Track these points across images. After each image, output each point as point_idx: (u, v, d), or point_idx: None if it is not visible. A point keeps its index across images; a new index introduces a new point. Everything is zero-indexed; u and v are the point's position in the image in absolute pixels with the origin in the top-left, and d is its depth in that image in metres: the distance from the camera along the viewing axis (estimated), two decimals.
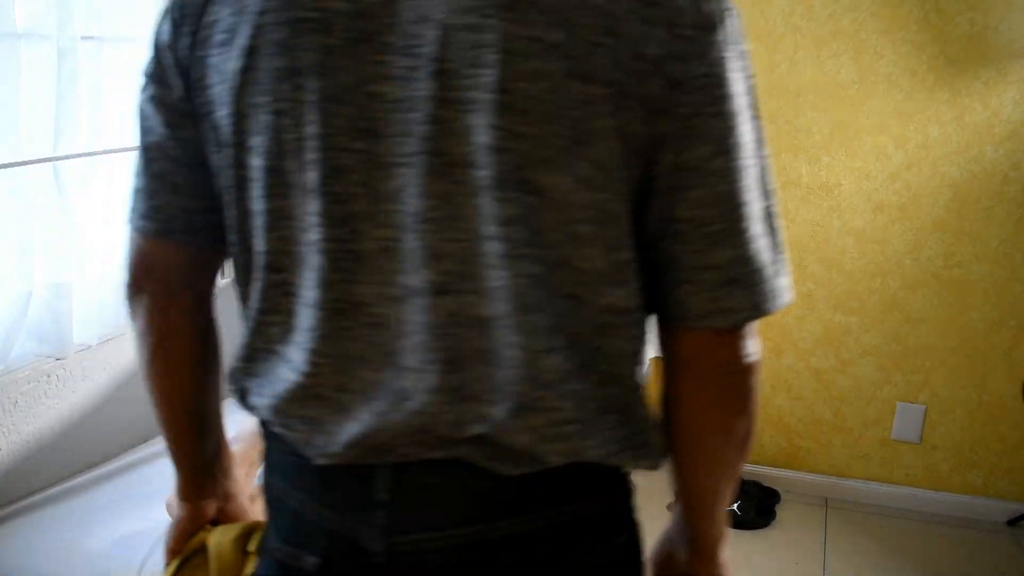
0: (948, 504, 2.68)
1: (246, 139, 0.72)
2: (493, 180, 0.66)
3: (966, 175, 2.45)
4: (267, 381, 0.77)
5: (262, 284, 0.75)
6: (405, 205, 0.68)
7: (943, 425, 2.65)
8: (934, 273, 2.55)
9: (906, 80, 2.44)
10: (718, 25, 0.68)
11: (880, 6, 2.41)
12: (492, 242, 0.67)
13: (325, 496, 0.77)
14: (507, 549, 0.73)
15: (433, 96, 0.66)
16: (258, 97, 0.70)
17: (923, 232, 2.53)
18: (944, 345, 2.59)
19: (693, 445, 0.80)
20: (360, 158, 0.68)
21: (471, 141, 0.66)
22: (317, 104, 0.68)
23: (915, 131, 2.47)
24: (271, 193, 0.72)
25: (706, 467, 0.81)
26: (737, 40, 0.70)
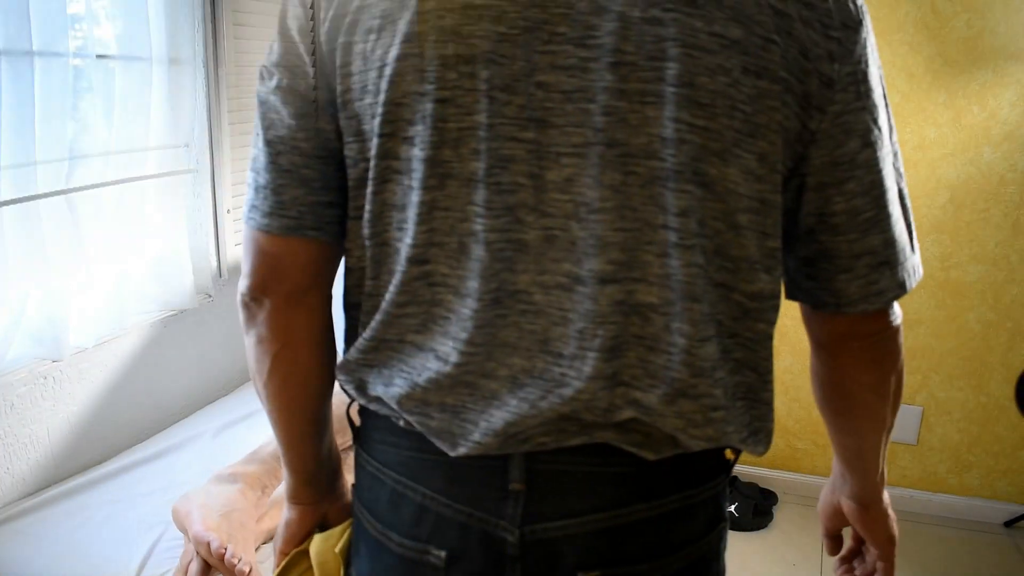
0: (945, 506, 2.68)
1: (400, 128, 0.71)
2: (670, 171, 0.68)
3: (963, 176, 2.45)
4: (399, 371, 0.76)
5: (401, 276, 0.74)
6: (574, 195, 0.69)
7: (940, 427, 2.65)
8: (931, 274, 2.55)
9: (903, 81, 2.44)
10: (861, 24, 0.72)
11: (877, 7, 2.42)
12: (664, 231, 0.69)
13: (454, 489, 0.76)
14: (642, 532, 0.75)
15: (610, 87, 0.67)
16: (420, 85, 0.69)
17: (920, 234, 2.53)
18: (941, 347, 2.59)
19: (854, 407, 0.87)
20: (528, 148, 0.69)
21: (649, 132, 0.67)
22: (486, 93, 0.68)
23: (912, 133, 2.47)
24: (427, 184, 0.71)
25: (867, 425, 0.88)
26: (871, 34, 0.74)
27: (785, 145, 0.71)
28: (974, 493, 2.66)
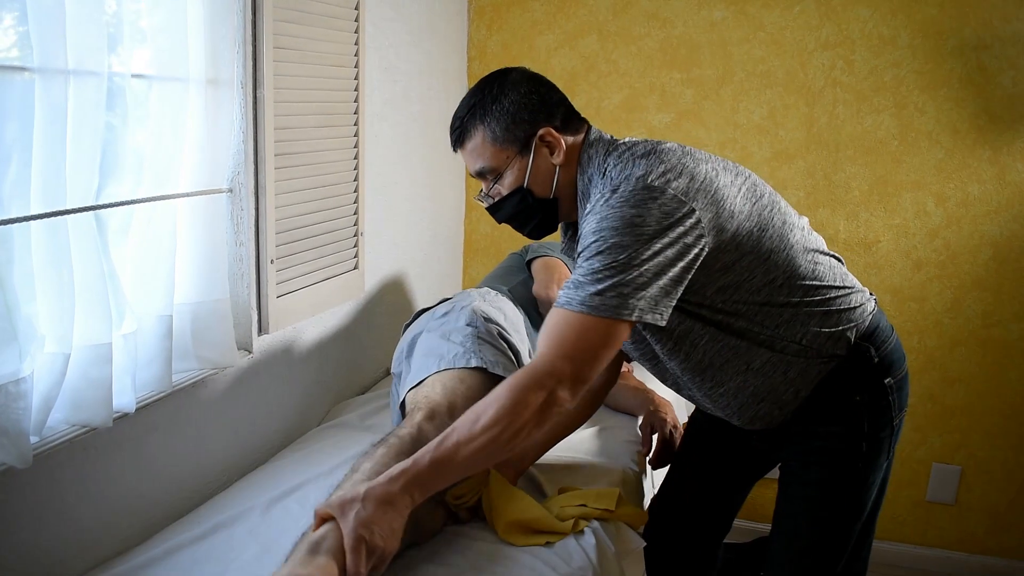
0: (984, 567, 2.62)
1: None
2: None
3: (1006, 233, 2.43)
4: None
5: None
6: None
7: (979, 487, 2.60)
8: (972, 332, 2.51)
9: (947, 137, 2.42)
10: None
11: (923, 62, 2.40)
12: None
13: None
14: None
15: None
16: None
17: (962, 290, 2.49)
18: (982, 405, 2.54)
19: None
20: None
21: None
22: None
23: (955, 189, 2.45)
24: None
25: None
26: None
27: None
28: (1013, 555, 2.60)
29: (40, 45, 1.20)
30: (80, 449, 1.33)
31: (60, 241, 1.26)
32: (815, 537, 1.47)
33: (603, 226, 1.22)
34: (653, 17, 2.56)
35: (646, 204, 1.21)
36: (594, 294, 1.18)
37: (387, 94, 2.22)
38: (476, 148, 1.40)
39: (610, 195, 1.24)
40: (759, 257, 1.31)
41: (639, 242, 1.19)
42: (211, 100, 1.57)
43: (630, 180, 1.24)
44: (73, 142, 1.26)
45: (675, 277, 1.22)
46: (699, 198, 1.24)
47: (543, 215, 1.41)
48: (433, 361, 1.59)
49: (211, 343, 1.61)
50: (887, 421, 1.42)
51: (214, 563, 1.36)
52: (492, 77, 1.42)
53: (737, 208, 1.29)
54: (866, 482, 1.44)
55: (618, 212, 1.21)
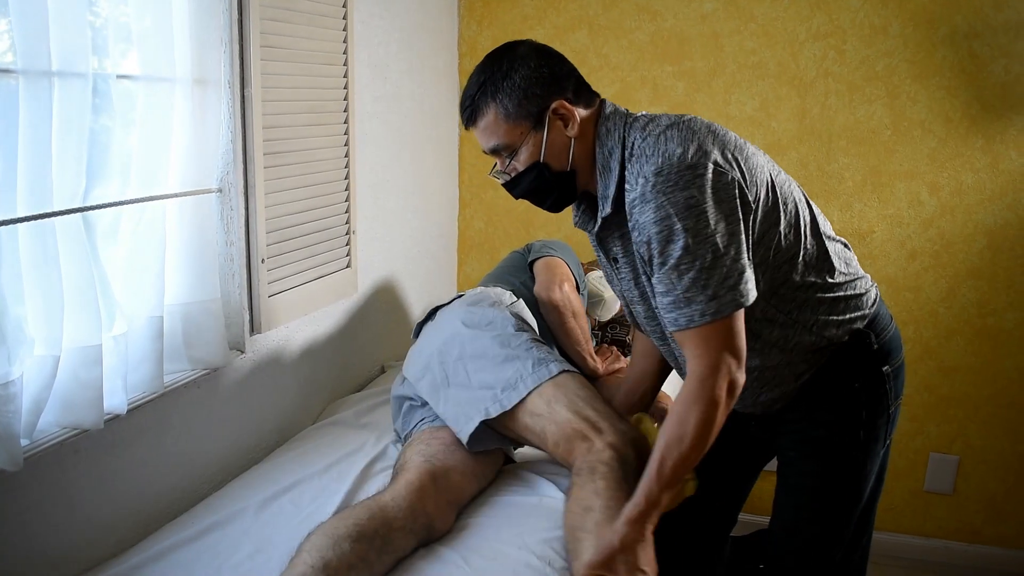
0: (982, 556, 2.62)
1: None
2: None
3: (1000, 222, 2.43)
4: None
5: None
6: None
7: (976, 476, 2.60)
8: (968, 321, 2.50)
9: (940, 126, 2.42)
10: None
11: (914, 51, 2.39)
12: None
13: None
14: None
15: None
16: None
17: (957, 280, 2.49)
18: (978, 395, 2.54)
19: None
20: None
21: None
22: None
23: (949, 178, 2.44)
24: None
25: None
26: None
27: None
28: (1011, 544, 2.60)
29: (23, 47, 1.19)
30: (71, 451, 1.33)
31: (48, 243, 1.26)
32: (815, 528, 1.48)
33: (661, 215, 1.22)
34: (643, 10, 2.56)
35: (695, 183, 1.21)
36: (710, 300, 1.22)
37: (377, 92, 2.21)
38: (489, 126, 1.37)
39: (654, 179, 1.23)
40: (779, 234, 1.32)
41: (708, 226, 1.21)
42: (198, 100, 1.56)
43: (671, 160, 1.23)
44: (59, 144, 1.26)
45: (746, 247, 1.25)
46: (734, 165, 1.26)
47: (561, 189, 1.40)
48: (512, 374, 1.58)
49: (202, 343, 1.61)
50: (883, 409, 1.43)
51: (208, 564, 1.36)
52: (500, 52, 1.38)
53: (765, 179, 1.31)
54: (863, 470, 1.45)
55: (675, 197, 1.21)
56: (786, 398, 1.44)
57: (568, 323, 1.91)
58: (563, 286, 1.91)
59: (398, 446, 1.77)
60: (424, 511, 1.40)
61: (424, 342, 1.76)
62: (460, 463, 1.55)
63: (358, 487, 1.59)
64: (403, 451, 1.61)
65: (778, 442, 1.52)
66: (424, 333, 1.81)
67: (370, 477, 1.64)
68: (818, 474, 1.46)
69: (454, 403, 1.61)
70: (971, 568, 2.61)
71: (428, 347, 1.72)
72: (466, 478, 1.54)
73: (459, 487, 1.52)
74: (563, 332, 1.92)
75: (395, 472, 1.56)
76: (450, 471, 1.51)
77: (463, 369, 1.63)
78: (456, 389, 1.62)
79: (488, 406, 1.56)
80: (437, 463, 1.51)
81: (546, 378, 1.56)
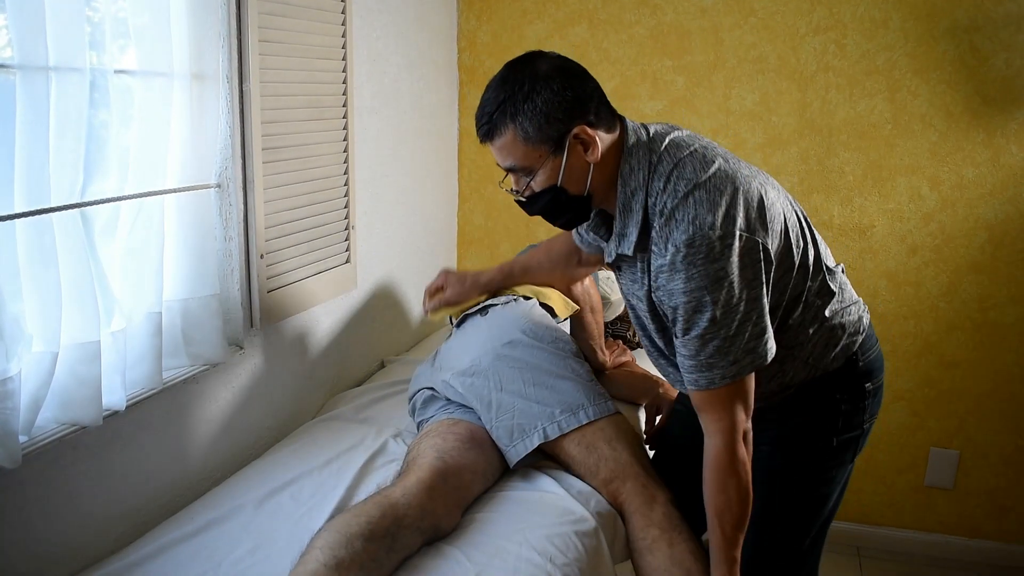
0: (983, 551, 2.62)
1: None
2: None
3: (1001, 216, 2.42)
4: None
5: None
6: None
7: (977, 471, 2.59)
8: (969, 316, 2.50)
9: (941, 120, 2.41)
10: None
11: (915, 45, 2.38)
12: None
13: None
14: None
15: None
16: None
17: (958, 274, 2.48)
18: (978, 389, 2.54)
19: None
20: None
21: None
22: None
23: (950, 172, 2.43)
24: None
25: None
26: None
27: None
28: (1012, 539, 2.60)
29: (20, 42, 1.18)
30: (70, 448, 1.32)
31: (45, 239, 1.25)
32: (773, 525, 1.49)
33: (692, 286, 1.25)
34: (643, 4, 2.55)
35: (724, 254, 1.24)
36: (731, 364, 1.27)
37: (376, 86, 2.21)
38: (506, 146, 1.32)
39: (686, 250, 1.24)
40: (798, 268, 1.35)
41: (734, 296, 1.25)
42: (197, 95, 1.55)
43: (702, 230, 1.24)
44: (56, 139, 1.25)
45: (766, 297, 1.29)
46: (758, 227, 1.27)
47: (576, 210, 1.39)
48: (572, 398, 1.63)
49: (201, 339, 1.60)
50: (859, 423, 1.46)
51: (207, 560, 1.35)
52: (521, 68, 1.31)
53: (781, 226, 1.32)
54: (828, 477, 1.47)
55: (704, 270, 1.24)
56: (767, 401, 1.46)
57: (586, 317, 1.94)
58: (584, 280, 1.95)
59: (398, 440, 1.77)
60: (434, 511, 1.40)
61: (475, 339, 1.75)
62: (472, 463, 1.55)
63: (358, 482, 1.59)
64: (416, 442, 1.61)
65: (754, 440, 1.52)
66: (474, 328, 1.80)
67: (370, 472, 1.64)
68: (784, 471, 1.48)
69: (508, 413, 1.61)
70: (971, 563, 2.61)
71: (480, 346, 1.71)
72: (476, 478, 1.55)
73: (468, 487, 1.52)
74: (579, 325, 1.95)
75: (406, 464, 1.55)
76: (462, 470, 1.51)
77: (519, 378, 1.64)
78: (509, 396, 1.62)
79: (546, 426, 1.59)
80: (450, 461, 1.51)
81: (606, 414, 1.62)
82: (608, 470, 1.56)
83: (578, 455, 1.59)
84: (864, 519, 2.70)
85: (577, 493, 1.56)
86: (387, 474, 1.62)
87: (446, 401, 1.72)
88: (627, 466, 1.56)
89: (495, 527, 1.45)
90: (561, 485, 1.59)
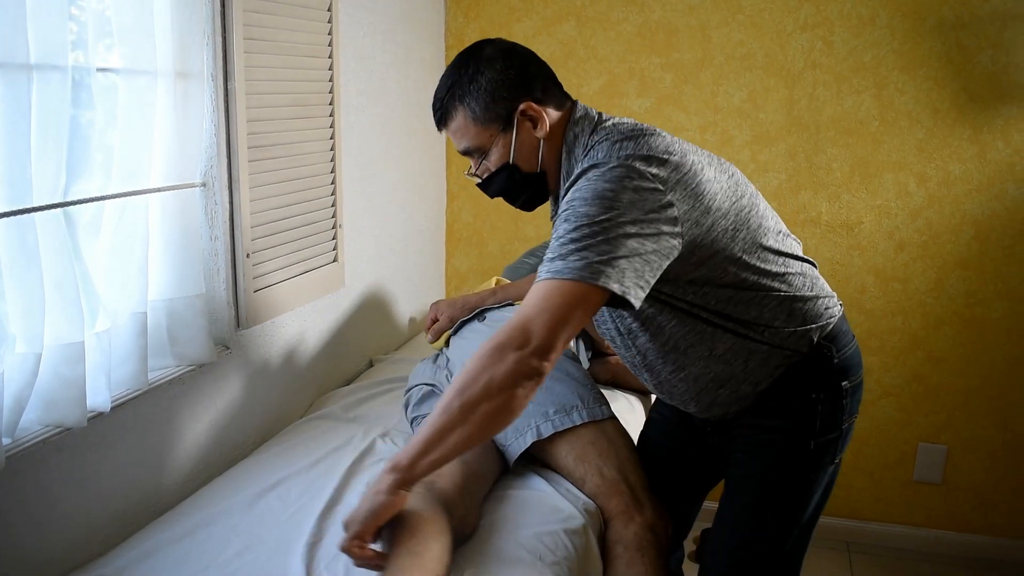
0: (972, 546, 2.63)
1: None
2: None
3: (988, 213, 2.43)
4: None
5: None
6: None
7: (965, 466, 2.61)
8: (956, 311, 2.51)
9: (927, 117, 2.42)
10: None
11: (902, 42, 2.39)
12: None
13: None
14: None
15: None
16: None
17: (945, 270, 2.49)
18: (966, 384, 2.55)
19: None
20: None
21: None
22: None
23: (937, 168, 2.44)
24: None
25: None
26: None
27: None
28: (1000, 533, 2.62)
29: (1, 40, 1.17)
30: (54, 450, 1.31)
31: (28, 239, 1.24)
32: (752, 530, 1.46)
33: (575, 196, 1.23)
34: (631, 2, 2.55)
35: (622, 183, 1.20)
36: (565, 260, 1.18)
37: (363, 84, 2.19)
38: (459, 129, 1.39)
39: (590, 170, 1.24)
40: (731, 257, 1.31)
41: (611, 217, 1.18)
42: (181, 93, 1.54)
43: (611, 158, 1.24)
44: (38, 138, 1.24)
45: (648, 261, 1.21)
46: (678, 189, 1.23)
47: (532, 189, 1.41)
48: (566, 398, 1.62)
49: (187, 339, 1.59)
50: (837, 423, 1.41)
51: (196, 562, 1.34)
52: (466, 54, 1.39)
53: (716, 205, 1.28)
54: (807, 481, 1.43)
55: (593, 186, 1.21)
56: (742, 403, 1.43)
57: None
58: None
59: (387, 440, 1.76)
60: (464, 516, 1.41)
61: (473, 343, 1.77)
62: (487, 466, 1.57)
63: (346, 482, 1.58)
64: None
65: (732, 446, 1.50)
66: (473, 332, 1.82)
67: (358, 472, 1.63)
68: (762, 475, 1.44)
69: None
70: (960, 557, 2.63)
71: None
72: (489, 479, 1.57)
73: (484, 489, 1.54)
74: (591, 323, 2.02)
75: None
76: (482, 473, 1.54)
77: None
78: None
79: (540, 424, 1.59)
80: (472, 463, 1.52)
81: (600, 417, 1.61)
82: (594, 484, 1.56)
83: (568, 465, 1.59)
84: (853, 514, 2.71)
85: (566, 491, 1.56)
86: (375, 473, 1.61)
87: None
88: (613, 483, 1.55)
89: (485, 526, 1.45)
90: (550, 484, 1.58)
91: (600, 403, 1.65)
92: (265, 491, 1.56)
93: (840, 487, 2.67)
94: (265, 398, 1.85)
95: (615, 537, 1.51)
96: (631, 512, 1.52)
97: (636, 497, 1.55)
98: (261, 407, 1.84)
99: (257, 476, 1.61)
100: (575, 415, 1.60)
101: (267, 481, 1.59)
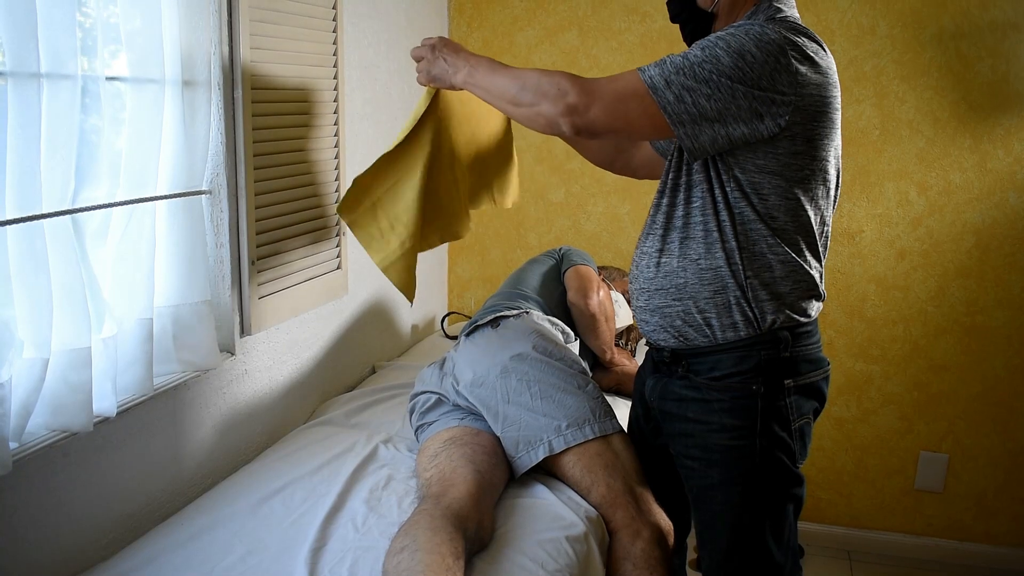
0: (973, 554, 2.63)
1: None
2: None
3: (988, 221, 2.44)
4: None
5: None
6: None
7: (966, 474, 2.61)
8: (957, 320, 2.52)
9: (928, 126, 2.43)
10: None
11: (902, 52, 2.41)
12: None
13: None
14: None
15: None
16: None
17: (946, 279, 2.50)
18: (967, 393, 2.55)
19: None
20: None
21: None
22: None
23: (937, 177, 2.46)
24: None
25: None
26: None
27: None
28: (1001, 542, 2.62)
29: (12, 49, 1.19)
30: (61, 454, 1.32)
31: (36, 245, 1.25)
32: (730, 541, 1.45)
33: (721, 34, 1.31)
34: (633, 11, 2.56)
35: (767, 61, 1.27)
36: (655, 67, 1.31)
37: (368, 93, 2.21)
38: None
39: (751, 25, 1.31)
40: (792, 184, 1.37)
41: (731, 74, 1.27)
42: (188, 101, 1.56)
43: (776, 28, 1.30)
44: (48, 146, 1.25)
45: (732, 128, 1.29)
46: (807, 101, 1.30)
47: (697, 23, 1.49)
48: (577, 412, 1.64)
49: (192, 346, 1.60)
50: (785, 424, 1.39)
51: (199, 566, 1.35)
52: None
53: (820, 139, 1.36)
54: (768, 483, 1.41)
55: (742, 39, 1.28)
56: (681, 338, 1.43)
57: (600, 326, 2.07)
58: (599, 292, 2.06)
59: (389, 446, 1.77)
60: (480, 522, 1.42)
61: (485, 351, 1.76)
62: (499, 475, 1.59)
63: (349, 488, 1.59)
64: (441, 449, 1.61)
65: (674, 446, 1.51)
66: (484, 339, 1.80)
67: (361, 478, 1.64)
68: (722, 486, 1.43)
69: (514, 425, 1.64)
70: (961, 566, 2.63)
71: (489, 357, 1.73)
72: (499, 488, 1.58)
73: (495, 497, 1.55)
74: (594, 334, 2.07)
75: (438, 472, 1.54)
76: (495, 482, 1.56)
77: (527, 391, 1.66)
78: (516, 409, 1.65)
79: (552, 439, 1.61)
80: (484, 472, 1.54)
81: (611, 431, 1.63)
82: (600, 495, 1.57)
83: (574, 475, 1.61)
84: (854, 523, 2.71)
85: (568, 499, 1.57)
86: (378, 479, 1.62)
87: (453, 407, 1.73)
88: (619, 495, 1.56)
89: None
90: (552, 492, 1.59)
91: (610, 416, 1.66)
92: (269, 496, 1.57)
93: (841, 495, 2.69)
94: (268, 404, 1.86)
95: (622, 554, 1.52)
96: (636, 525, 1.53)
97: (641, 509, 1.56)
98: (265, 412, 1.85)
99: (261, 481, 1.62)
100: (587, 429, 1.62)
101: (271, 486, 1.60)
